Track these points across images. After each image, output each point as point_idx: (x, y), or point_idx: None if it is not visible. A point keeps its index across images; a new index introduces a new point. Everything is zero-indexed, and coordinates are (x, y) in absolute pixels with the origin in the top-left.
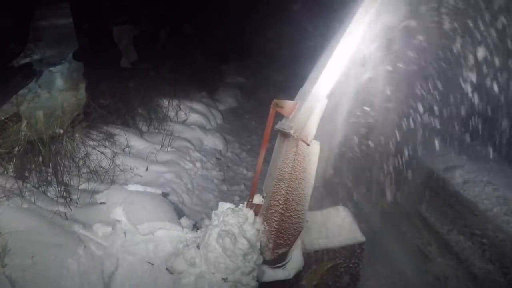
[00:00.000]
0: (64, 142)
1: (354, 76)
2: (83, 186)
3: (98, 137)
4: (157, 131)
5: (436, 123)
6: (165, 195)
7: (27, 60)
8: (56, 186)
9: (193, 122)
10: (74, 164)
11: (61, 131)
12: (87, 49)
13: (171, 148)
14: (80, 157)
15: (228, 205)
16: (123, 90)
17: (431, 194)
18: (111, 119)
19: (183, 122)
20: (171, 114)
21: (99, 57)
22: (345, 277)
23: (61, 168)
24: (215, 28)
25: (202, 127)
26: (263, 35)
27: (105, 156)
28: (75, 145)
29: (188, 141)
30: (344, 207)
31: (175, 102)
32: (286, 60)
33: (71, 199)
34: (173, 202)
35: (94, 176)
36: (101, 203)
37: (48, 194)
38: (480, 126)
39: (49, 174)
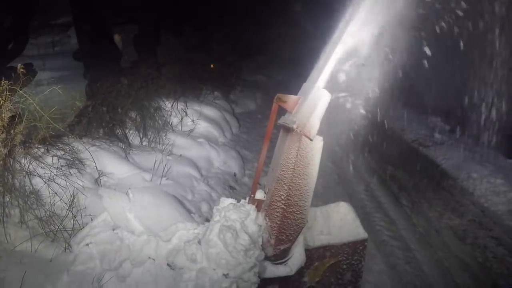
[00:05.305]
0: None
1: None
2: (21, 247)
3: (61, 162)
4: (153, 145)
5: None
6: None
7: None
8: None
9: (202, 134)
10: (19, 206)
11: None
12: (87, 49)
13: (167, 179)
14: (26, 193)
15: (230, 200)
16: (111, 89)
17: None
18: (92, 128)
19: (189, 133)
20: (174, 120)
21: (98, 57)
22: (347, 274)
23: None
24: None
25: (213, 141)
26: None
27: (60, 198)
28: (14, 176)
29: (193, 163)
30: (347, 203)
31: (180, 105)
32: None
33: None
34: None
35: (43, 226)
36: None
37: None
38: None
39: None
